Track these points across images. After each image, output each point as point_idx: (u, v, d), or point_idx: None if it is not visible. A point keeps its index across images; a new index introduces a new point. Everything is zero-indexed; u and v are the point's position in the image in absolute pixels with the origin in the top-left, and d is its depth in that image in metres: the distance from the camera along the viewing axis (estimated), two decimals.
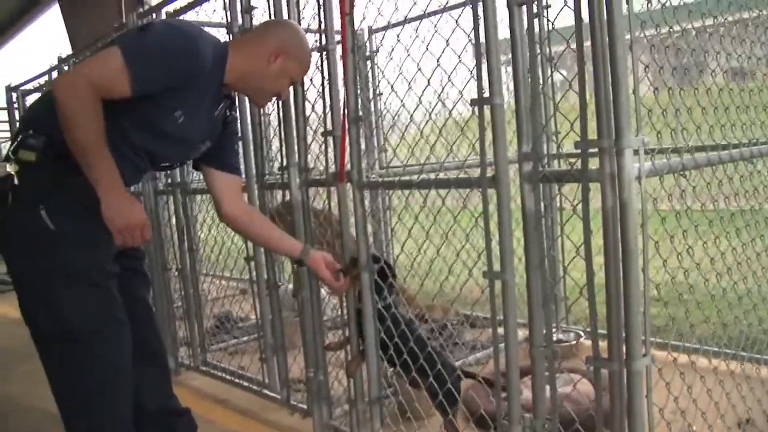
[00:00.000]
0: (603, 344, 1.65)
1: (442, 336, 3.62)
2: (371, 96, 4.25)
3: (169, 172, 3.65)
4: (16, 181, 1.93)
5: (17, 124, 2.07)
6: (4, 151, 2.06)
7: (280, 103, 2.69)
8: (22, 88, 5.79)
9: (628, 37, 1.56)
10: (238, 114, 2.45)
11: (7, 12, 10.17)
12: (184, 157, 2.34)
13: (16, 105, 5.89)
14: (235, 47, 2.15)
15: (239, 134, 2.55)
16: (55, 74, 4.90)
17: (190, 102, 2.03)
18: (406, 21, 2.55)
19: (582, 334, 3.61)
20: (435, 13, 2.49)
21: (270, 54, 2.12)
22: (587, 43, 1.58)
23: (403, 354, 2.36)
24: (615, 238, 1.57)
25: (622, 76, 1.52)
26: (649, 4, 1.86)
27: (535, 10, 1.83)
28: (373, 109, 4.28)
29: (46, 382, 2.05)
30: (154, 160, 2.17)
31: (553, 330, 3.57)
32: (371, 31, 4.32)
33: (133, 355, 2.09)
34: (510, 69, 1.81)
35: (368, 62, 4.29)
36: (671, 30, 2.04)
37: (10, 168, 1.94)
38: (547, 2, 3.21)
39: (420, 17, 2.45)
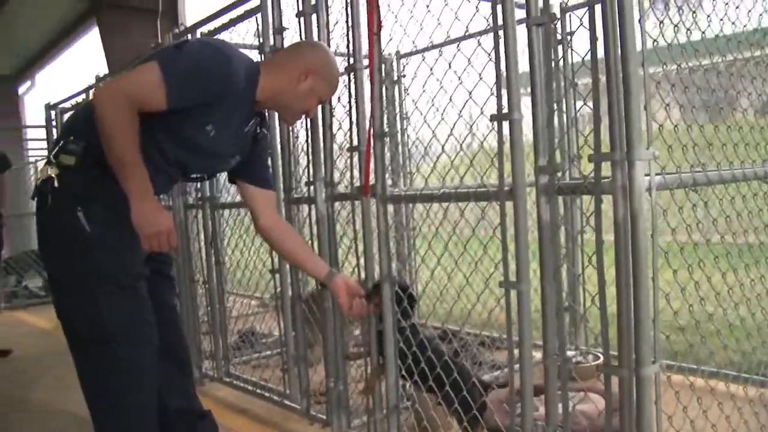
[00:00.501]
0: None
1: (462, 354, 3.65)
2: (397, 114, 4.35)
3: (198, 185, 3.75)
4: (56, 184, 2.01)
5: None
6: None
7: (308, 120, 2.78)
8: (60, 106, 5.98)
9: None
10: (267, 131, 2.53)
11: (50, 33, 10.49)
12: (214, 170, 2.42)
13: (54, 123, 6.07)
14: (267, 67, 2.23)
15: (270, 150, 2.62)
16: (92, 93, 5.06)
17: (222, 118, 2.10)
18: (432, 47, 2.63)
19: (601, 356, 3.60)
20: (460, 39, 2.58)
21: (300, 74, 2.19)
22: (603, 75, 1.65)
23: (420, 363, 2.41)
24: (626, 248, 1.62)
25: (634, 90, 1.58)
26: (662, 25, 1.92)
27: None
28: (399, 128, 4.37)
29: (73, 387, 2.09)
30: (185, 171, 2.25)
31: (574, 352, 3.61)
32: (399, 56, 4.44)
33: (159, 358, 2.14)
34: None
35: (395, 86, 4.41)
36: (684, 51, 2.10)
37: (51, 171, 2.03)
38: (571, 29, 3.29)
39: (443, 44, 2.54)
